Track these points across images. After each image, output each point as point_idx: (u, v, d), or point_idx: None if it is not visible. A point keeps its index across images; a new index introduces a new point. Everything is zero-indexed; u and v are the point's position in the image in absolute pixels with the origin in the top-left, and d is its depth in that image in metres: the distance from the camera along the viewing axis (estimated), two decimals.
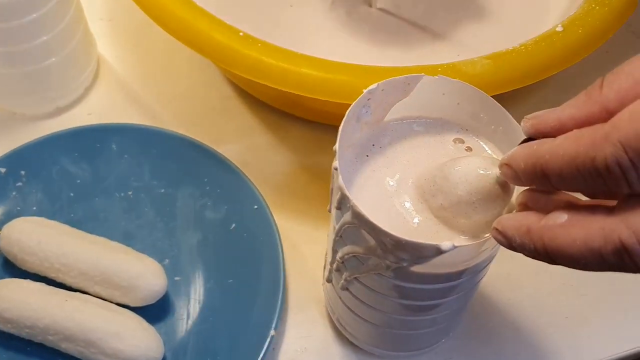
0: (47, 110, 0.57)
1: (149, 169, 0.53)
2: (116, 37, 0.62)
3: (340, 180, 0.34)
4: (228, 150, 0.54)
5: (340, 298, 0.43)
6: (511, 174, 0.30)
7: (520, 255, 0.30)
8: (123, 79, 0.60)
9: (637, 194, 0.26)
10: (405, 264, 0.34)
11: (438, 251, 0.32)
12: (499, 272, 0.50)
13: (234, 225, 0.51)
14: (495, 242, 0.35)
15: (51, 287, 0.46)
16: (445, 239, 0.34)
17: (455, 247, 0.32)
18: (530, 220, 0.29)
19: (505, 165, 0.30)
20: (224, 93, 0.59)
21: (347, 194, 0.34)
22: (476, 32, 0.56)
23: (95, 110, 0.57)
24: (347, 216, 0.35)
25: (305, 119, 0.56)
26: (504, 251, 0.33)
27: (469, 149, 0.38)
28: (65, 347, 0.44)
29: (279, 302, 0.47)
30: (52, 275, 0.47)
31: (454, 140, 0.39)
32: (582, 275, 0.49)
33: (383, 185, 0.37)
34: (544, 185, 0.28)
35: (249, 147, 0.56)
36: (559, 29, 0.46)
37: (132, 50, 0.61)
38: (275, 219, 0.50)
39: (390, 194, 0.37)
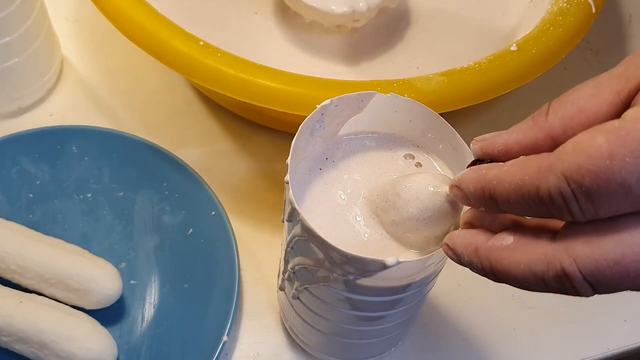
0: (9, 109, 0.57)
1: (109, 172, 0.54)
2: (81, 38, 0.62)
3: (290, 194, 0.35)
4: (189, 155, 0.54)
5: (292, 306, 0.44)
6: (461, 196, 0.31)
7: None
8: (87, 80, 0.60)
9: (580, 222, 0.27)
10: (351, 277, 0.35)
11: (383, 266, 0.33)
12: (450, 283, 0.51)
13: (191, 230, 0.51)
14: (441, 257, 0.36)
15: (6, 288, 0.46)
16: (394, 253, 0.36)
17: (399, 262, 0.33)
18: (478, 240, 0.30)
19: (455, 187, 0.31)
20: (188, 98, 0.59)
21: (297, 207, 0.35)
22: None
23: (58, 111, 0.58)
24: (297, 229, 0.36)
25: (267, 127, 0.57)
26: (454, 263, 0.34)
27: (418, 164, 0.40)
28: (19, 348, 0.45)
29: (233, 308, 0.47)
30: (7, 276, 0.47)
31: (405, 156, 0.40)
32: None
33: (335, 199, 0.38)
34: (492, 208, 0.29)
35: (210, 153, 0.56)
36: (514, 48, 0.47)
37: (97, 51, 0.62)
38: (232, 225, 0.51)
39: (342, 208, 0.38)
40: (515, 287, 0.29)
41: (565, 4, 0.50)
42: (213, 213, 0.51)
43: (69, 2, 0.64)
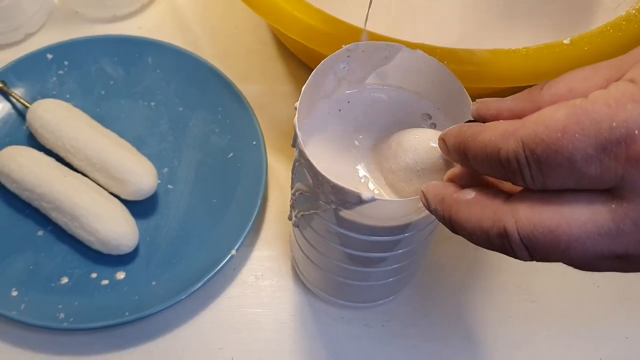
0: (105, 15, 0.63)
1: (175, 88, 0.58)
2: None
3: (295, 119, 0.38)
4: (250, 90, 0.58)
5: (295, 235, 0.47)
6: (444, 148, 0.33)
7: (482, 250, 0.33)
8: (179, 4, 0.65)
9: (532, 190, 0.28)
10: (333, 207, 0.38)
11: (359, 199, 0.36)
12: (463, 256, 0.53)
13: (231, 154, 0.55)
14: (418, 208, 0.38)
15: (58, 163, 0.52)
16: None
17: (375, 199, 0.35)
18: (447, 191, 0.32)
19: (440, 139, 0.33)
20: (264, 39, 0.63)
21: (298, 132, 0.37)
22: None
23: (146, 25, 0.63)
24: (296, 153, 0.39)
25: None
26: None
27: (433, 125, 0.41)
28: (55, 216, 0.50)
29: (247, 229, 0.51)
30: (62, 154, 0.53)
31: (423, 115, 0.42)
32: (534, 282, 0.52)
33: (344, 140, 0.41)
34: (465, 163, 0.31)
35: (268, 92, 0.60)
36: (567, 41, 0.48)
37: None
38: (268, 158, 0.54)
39: (349, 149, 0.40)
40: (467, 239, 0.31)
41: (634, 11, 0.50)
42: (254, 143, 0.55)
43: None
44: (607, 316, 0.52)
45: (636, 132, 0.25)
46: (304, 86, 0.39)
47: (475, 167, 0.30)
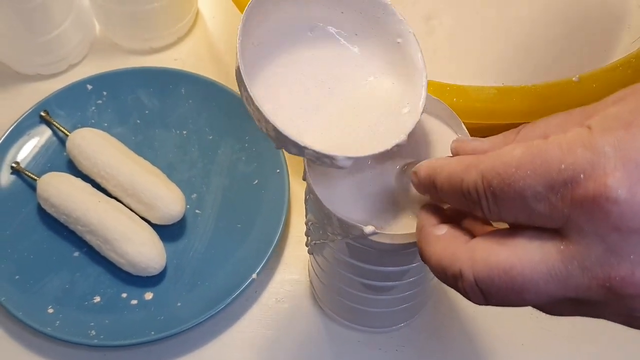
0: (142, 47, 0.66)
1: (205, 117, 0.61)
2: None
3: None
4: None
5: (310, 262, 0.50)
6: (415, 182, 0.34)
7: None
8: (213, 37, 0.68)
9: (500, 226, 0.30)
10: (340, 238, 0.40)
11: (362, 233, 0.38)
12: None
13: (256, 181, 0.58)
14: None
15: (93, 189, 0.56)
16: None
17: (376, 232, 0.37)
18: (427, 222, 0.34)
19: (413, 172, 0.35)
20: None
21: (306, 167, 0.40)
22: None
23: (181, 57, 0.67)
24: (307, 187, 0.41)
25: None
26: None
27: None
28: (89, 238, 0.54)
29: (269, 254, 0.53)
30: (98, 180, 0.56)
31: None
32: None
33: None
34: (434, 195, 0.33)
35: None
36: (575, 79, 0.49)
37: (228, 13, 0.70)
38: (292, 184, 0.57)
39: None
40: (433, 273, 0.32)
41: None
42: (278, 171, 0.58)
43: None
44: (621, 345, 0.53)
45: (581, 176, 0.26)
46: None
47: (443, 198, 0.32)
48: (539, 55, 0.61)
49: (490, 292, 0.28)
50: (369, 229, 0.37)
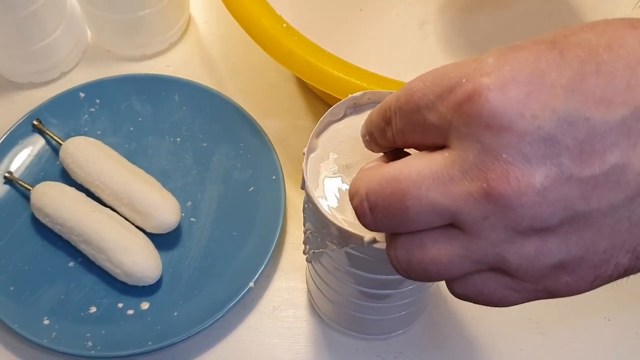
0: (135, 54, 0.66)
1: (199, 124, 0.61)
2: (211, 4, 0.70)
3: (304, 163, 0.40)
4: (270, 124, 0.61)
5: (308, 269, 0.50)
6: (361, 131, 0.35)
7: None
8: (205, 42, 0.68)
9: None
10: (339, 247, 0.40)
11: (361, 241, 0.38)
12: None
13: (252, 188, 0.58)
14: None
15: (87, 198, 0.55)
16: None
17: (376, 241, 0.37)
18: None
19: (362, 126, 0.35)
20: (285, 76, 0.65)
21: (305, 175, 0.40)
22: None
23: (174, 63, 0.66)
24: (305, 196, 0.41)
25: None
26: None
27: None
28: (84, 248, 0.53)
29: (265, 262, 0.53)
30: (92, 189, 0.56)
31: None
32: (545, 315, 0.53)
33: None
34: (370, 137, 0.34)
35: (289, 127, 0.62)
36: None
37: (220, 19, 0.69)
38: (288, 191, 0.57)
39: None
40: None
41: None
42: (274, 177, 0.57)
43: None
44: (618, 350, 0.53)
45: (463, 80, 0.27)
46: (311, 135, 0.41)
47: (372, 130, 0.33)
48: None
49: (377, 202, 0.29)
50: (369, 237, 0.37)
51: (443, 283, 0.31)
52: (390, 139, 0.31)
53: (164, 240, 0.55)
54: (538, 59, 0.26)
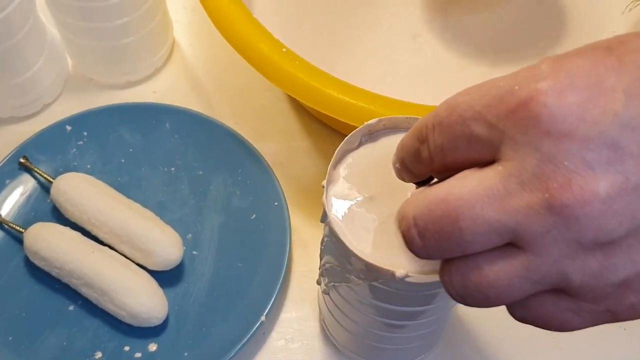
0: (120, 82, 0.63)
1: (193, 152, 0.59)
2: (194, 26, 0.68)
3: (324, 197, 0.39)
4: (267, 147, 0.59)
5: (324, 301, 0.48)
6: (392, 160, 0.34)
7: None
8: (191, 66, 0.66)
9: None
10: (366, 282, 0.39)
11: (392, 276, 0.36)
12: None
13: (254, 216, 0.56)
14: None
15: (84, 238, 0.53)
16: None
17: (408, 276, 0.36)
18: None
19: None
20: (276, 95, 0.64)
21: (327, 210, 0.38)
22: None
23: (160, 89, 0.64)
24: (326, 230, 0.40)
25: (342, 133, 0.60)
26: None
27: None
28: (85, 291, 0.51)
29: (275, 293, 0.51)
30: (88, 227, 0.53)
31: None
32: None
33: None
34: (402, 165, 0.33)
35: (286, 149, 0.61)
36: None
37: (205, 41, 0.67)
38: (291, 217, 0.55)
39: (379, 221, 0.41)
40: None
41: None
42: (276, 204, 0.55)
43: None
44: None
45: (516, 87, 0.26)
46: (329, 167, 0.40)
47: (404, 155, 0.32)
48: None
49: (427, 227, 0.27)
50: (400, 273, 0.36)
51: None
52: (426, 159, 0.29)
53: (166, 277, 0.53)
54: (595, 65, 0.25)
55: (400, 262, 0.37)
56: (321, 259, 0.44)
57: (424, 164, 0.30)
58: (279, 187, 0.56)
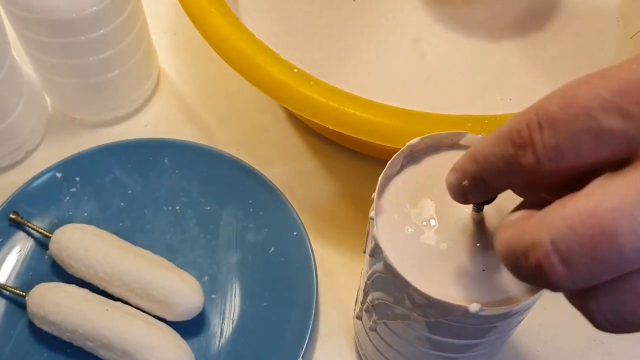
0: (106, 118, 0.59)
1: (197, 186, 0.55)
2: (178, 51, 0.64)
3: (375, 230, 0.35)
4: (274, 173, 0.55)
5: (368, 336, 0.44)
6: (453, 178, 0.30)
7: (553, 306, 0.29)
8: (181, 93, 0.61)
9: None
10: (432, 319, 0.35)
11: (465, 312, 0.33)
12: (530, 322, 0.50)
13: (272, 249, 0.52)
14: (528, 305, 0.35)
15: (94, 295, 0.48)
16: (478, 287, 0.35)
17: (483, 309, 0.33)
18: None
19: (450, 171, 0.30)
20: (277, 116, 0.60)
21: (381, 245, 0.35)
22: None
23: (152, 122, 0.59)
24: (379, 266, 0.36)
25: (351, 149, 0.57)
26: (537, 302, 0.33)
27: None
28: (103, 354, 0.46)
29: (309, 330, 0.48)
30: (96, 282, 0.49)
31: None
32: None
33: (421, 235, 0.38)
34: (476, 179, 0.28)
35: (295, 172, 0.57)
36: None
37: (192, 65, 0.63)
38: (312, 245, 0.51)
39: (429, 245, 0.37)
40: (505, 264, 0.26)
41: None
42: (295, 233, 0.52)
43: (168, 15, 0.66)
44: None
45: None
46: (375, 193, 0.36)
47: (485, 168, 0.27)
48: (543, 67, 0.57)
49: (574, 249, 0.22)
50: (474, 307, 0.33)
51: None
52: (530, 166, 0.24)
53: (188, 326, 0.49)
54: None
55: (467, 295, 0.34)
56: (365, 295, 0.41)
57: (523, 173, 0.25)
58: (295, 214, 0.52)
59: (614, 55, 0.57)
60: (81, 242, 0.49)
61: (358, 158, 0.57)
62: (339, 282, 0.52)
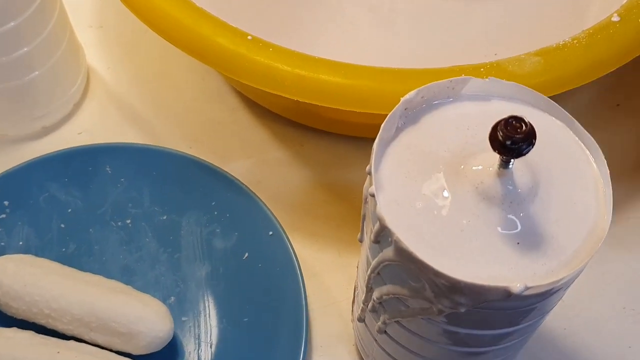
0: (32, 130, 0.51)
1: (149, 194, 0.48)
2: (107, 46, 0.57)
3: (379, 209, 0.28)
4: (236, 168, 0.49)
5: (375, 340, 0.37)
6: None
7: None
8: (116, 92, 0.54)
9: None
10: (462, 309, 0.28)
11: (506, 294, 0.27)
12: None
13: (247, 254, 0.45)
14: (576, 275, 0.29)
15: (41, 337, 0.40)
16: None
17: (528, 287, 0.26)
18: None
19: None
20: (230, 104, 0.53)
21: (389, 226, 0.28)
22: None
23: (86, 128, 0.52)
24: (388, 252, 0.29)
25: (322, 131, 0.50)
26: None
27: None
28: None
29: (303, 343, 0.41)
30: (41, 321, 0.41)
31: None
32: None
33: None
34: None
35: (259, 164, 0.50)
36: (615, 18, 0.40)
37: (125, 59, 0.56)
38: (292, 244, 0.44)
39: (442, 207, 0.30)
40: None
41: None
42: (270, 233, 0.45)
43: (92, 7, 0.59)
44: None
45: None
46: (370, 166, 0.29)
47: None
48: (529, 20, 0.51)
49: None
50: (518, 287, 0.26)
51: None
52: None
53: (157, 358, 0.41)
54: None
55: (502, 274, 0.28)
56: (369, 291, 0.34)
57: None
58: (267, 211, 0.46)
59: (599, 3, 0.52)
60: (18, 276, 0.41)
61: (329, 140, 0.51)
62: (327, 283, 0.46)
